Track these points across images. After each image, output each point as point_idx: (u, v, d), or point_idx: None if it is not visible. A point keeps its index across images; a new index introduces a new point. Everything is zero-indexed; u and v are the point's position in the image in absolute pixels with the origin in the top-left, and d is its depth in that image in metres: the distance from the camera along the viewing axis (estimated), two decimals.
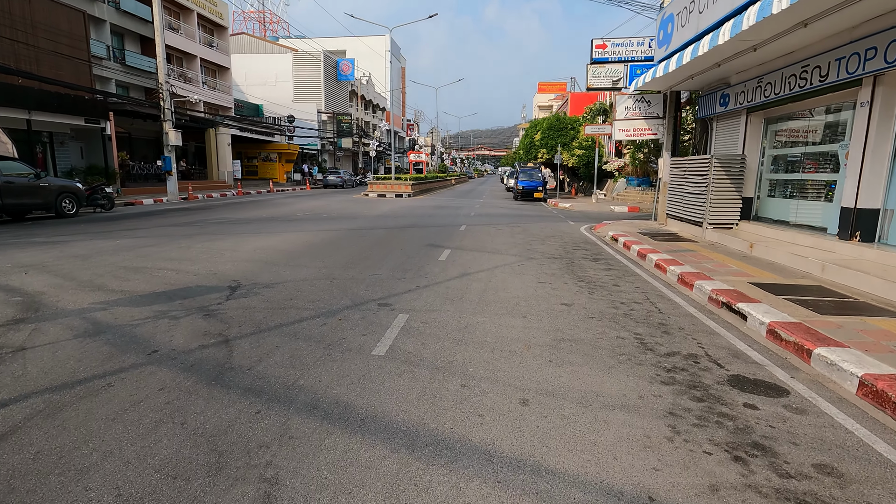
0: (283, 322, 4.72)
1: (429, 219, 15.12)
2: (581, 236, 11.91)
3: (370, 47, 72.90)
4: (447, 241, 10.56)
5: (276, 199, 23.96)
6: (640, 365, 3.92)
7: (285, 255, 8.23)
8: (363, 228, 12.22)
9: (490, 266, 7.78)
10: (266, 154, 39.86)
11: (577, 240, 11.26)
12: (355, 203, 21.45)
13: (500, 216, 16.69)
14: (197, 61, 35.77)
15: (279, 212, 16.46)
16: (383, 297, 5.75)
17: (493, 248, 9.69)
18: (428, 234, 11.62)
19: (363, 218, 14.93)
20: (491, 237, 11.33)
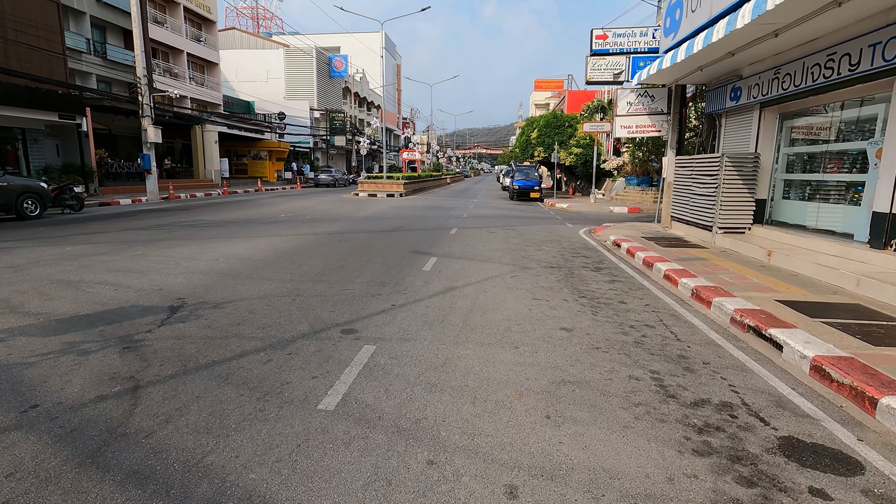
0: (218, 358, 3.83)
1: (418, 221, 14.23)
2: (580, 241, 11.04)
3: (364, 44, 71.84)
4: (435, 246, 9.67)
5: (261, 198, 23.01)
6: (663, 422, 3.05)
7: (250, 265, 7.32)
8: (345, 232, 11.31)
9: (480, 278, 6.90)
10: (256, 152, 38.83)
11: (575, 245, 10.39)
12: (343, 203, 20.53)
13: (494, 218, 15.81)
14: (184, 56, 34.72)
15: (260, 213, 15.52)
16: (350, 320, 4.86)
17: (485, 256, 8.80)
18: (415, 238, 10.73)
19: (348, 220, 14.02)
20: (483, 242, 10.44)
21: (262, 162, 38.89)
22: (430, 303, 5.56)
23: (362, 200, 22.60)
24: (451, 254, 8.88)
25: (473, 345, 4.29)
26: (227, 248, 8.73)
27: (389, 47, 78.85)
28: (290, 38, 55.21)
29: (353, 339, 4.34)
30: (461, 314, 5.16)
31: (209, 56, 38.20)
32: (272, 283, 6.29)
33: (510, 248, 9.83)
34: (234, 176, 37.76)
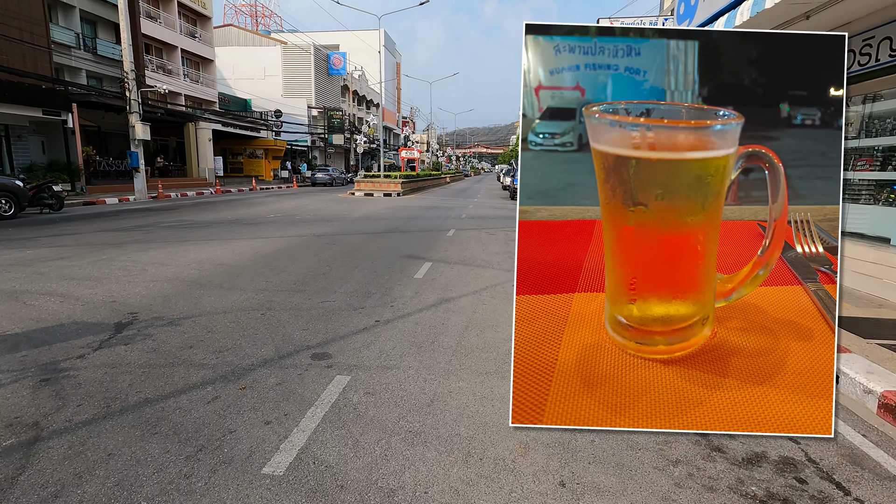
0: (152, 395, 3.11)
1: (414, 222, 13.51)
2: None
3: (364, 41, 71.13)
4: (429, 250, 8.96)
5: (254, 197, 22.30)
6: (712, 490, 2.33)
7: (224, 272, 6.61)
8: (335, 234, 10.60)
9: (478, 287, 6.19)
10: (251, 150, 38.11)
11: None
12: (338, 203, 19.82)
13: (493, 218, 15.09)
14: (177, 53, 34.06)
15: (249, 213, 14.81)
16: (324, 341, 4.15)
17: (484, 261, 8.09)
18: (409, 241, 10.02)
19: (340, 221, 13.30)
20: (482, 245, 9.73)
21: (257, 160, 38.19)
22: (420, 318, 4.85)
23: (358, 200, 21.89)
24: (447, 259, 8.16)
25: (468, 374, 3.57)
26: (203, 252, 8.01)
27: (389, 45, 78.18)
28: (289, 35, 54.50)
29: (325, 366, 3.62)
30: (455, 333, 4.45)
31: (204, 52, 37.55)
32: (243, 293, 5.57)
33: (511, 251, 9.10)
34: (230, 174, 37.07)
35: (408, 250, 8.84)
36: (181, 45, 34.26)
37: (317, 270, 6.86)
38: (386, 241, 9.91)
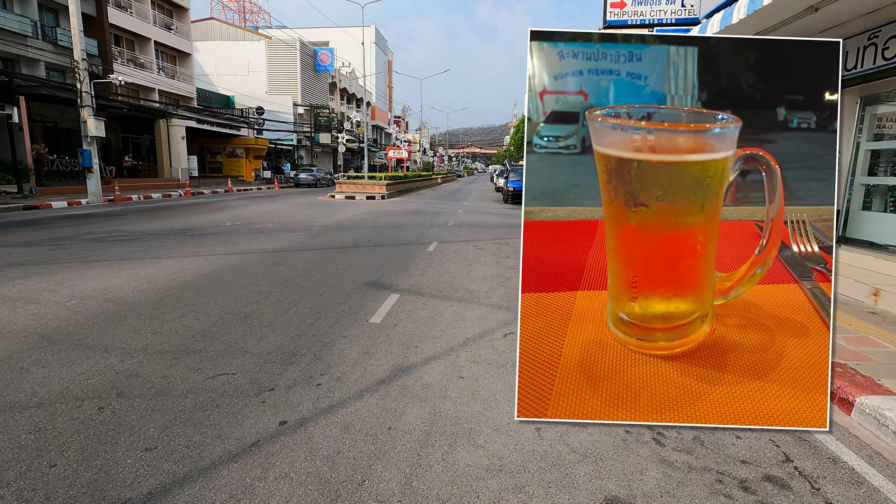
0: None
1: (392, 231, 11.69)
2: None
3: (353, 37, 69.12)
4: (401, 274, 7.15)
5: (224, 201, 20.37)
6: None
7: (103, 317, 4.75)
8: (291, 250, 8.75)
9: (455, 340, 4.38)
10: (231, 149, 36.12)
11: None
12: (313, 207, 17.94)
13: (485, 227, 13.30)
14: (150, 45, 32.03)
15: (203, 221, 12.91)
16: (160, 487, 2.31)
17: (468, 291, 6.28)
18: (379, 259, 8.20)
19: (306, 230, 11.45)
20: (467, 265, 7.93)
21: (237, 160, 36.21)
22: (356, 415, 3.02)
23: (337, 204, 20.01)
24: (421, 288, 6.35)
25: None
26: (103, 280, 6.15)
27: (380, 42, 76.30)
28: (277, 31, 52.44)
29: None
30: (405, 455, 2.63)
31: (181, 46, 35.55)
32: (101, 359, 3.73)
33: (503, 274, 7.32)
34: (208, 175, 35.08)
35: (373, 274, 7.02)
36: (155, 37, 32.24)
37: (238, 310, 5.02)
38: (351, 259, 8.08)
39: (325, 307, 5.26)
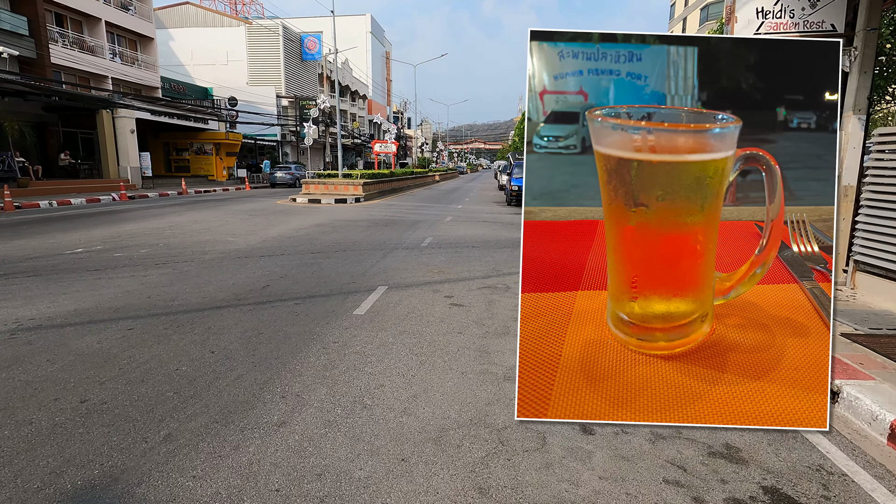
0: None
1: (324, 263, 7.49)
2: None
3: (347, 27, 64.91)
4: (230, 422, 2.90)
5: (152, 207, 16.23)
6: None
7: None
8: (74, 323, 4.55)
9: None
10: (199, 145, 32.00)
11: None
12: (253, 217, 13.74)
13: (475, 247, 9.05)
14: (101, 26, 27.94)
15: (59, 244, 8.75)
16: None
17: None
18: (222, 357, 3.97)
19: (186, 262, 7.27)
20: (417, 373, 3.68)
21: (206, 157, 32.11)
22: None
23: (292, 210, 15.80)
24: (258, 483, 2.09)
25: None
26: None
27: (377, 32, 71.97)
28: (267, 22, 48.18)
29: None
30: None
31: (141, 29, 31.44)
32: None
33: (496, 376, 3.06)
34: (175, 174, 30.97)
35: (159, 426, 2.77)
36: (106, 17, 28.14)
37: None
38: (157, 354, 3.86)
39: None
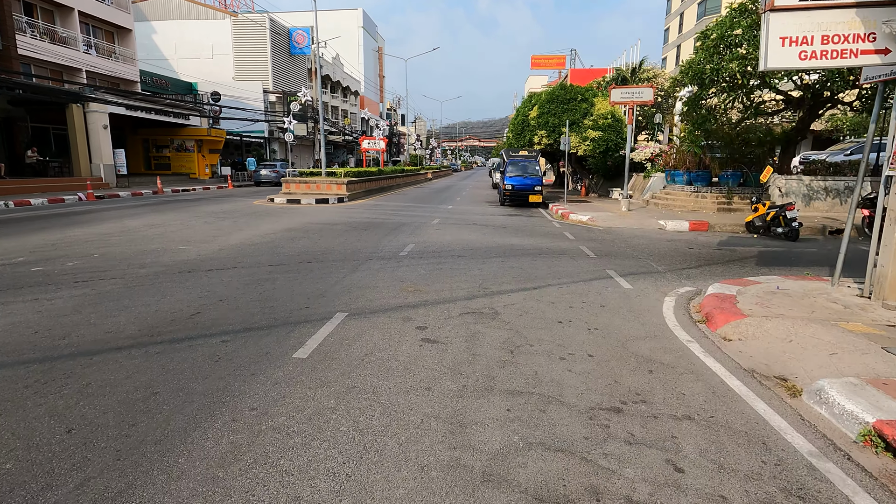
0: None
1: (293, 274, 6.37)
2: (702, 367, 3.19)
3: (338, 21, 63.49)
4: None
5: (115, 208, 15.00)
6: None
7: None
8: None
9: None
10: (180, 142, 30.65)
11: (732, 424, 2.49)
12: (222, 220, 12.55)
13: (463, 256, 7.93)
14: (74, 16, 26.52)
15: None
16: None
17: None
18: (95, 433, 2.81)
19: (133, 277, 6.14)
20: (380, 426, 2.53)
21: (188, 154, 30.76)
22: None
23: (267, 212, 14.61)
24: None
25: None
26: None
27: (368, 26, 70.51)
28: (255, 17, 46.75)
29: None
30: None
31: (118, 20, 29.98)
32: None
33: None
34: (155, 172, 29.63)
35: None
36: (79, 6, 26.69)
37: None
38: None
39: None
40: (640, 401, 3.17)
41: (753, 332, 4.41)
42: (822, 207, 14.38)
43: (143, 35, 40.20)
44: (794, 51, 4.68)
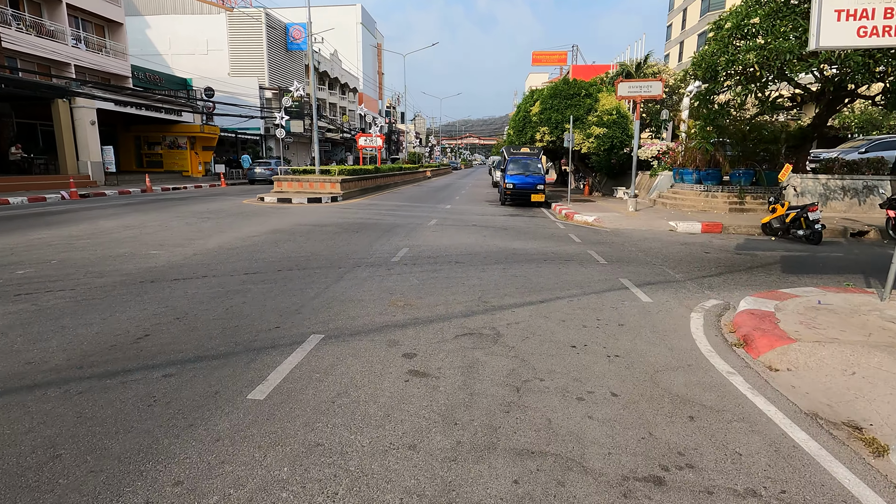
0: None
1: (268, 285, 5.67)
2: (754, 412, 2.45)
3: (337, 18, 62.60)
4: None
5: (94, 208, 14.27)
6: None
7: None
8: None
9: None
10: (173, 139, 29.88)
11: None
12: (204, 221, 11.83)
13: (460, 258, 7.21)
14: (62, 9, 25.74)
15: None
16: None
17: None
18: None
19: (86, 288, 5.44)
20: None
21: (180, 151, 29.99)
22: None
23: (255, 212, 13.88)
24: None
25: None
26: None
27: (367, 23, 69.65)
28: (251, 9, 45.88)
29: None
30: None
31: (108, 13, 29.18)
32: None
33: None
34: (145, 169, 28.88)
35: None
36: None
37: None
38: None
39: None
40: (685, 465, 2.45)
41: (805, 362, 3.70)
42: (839, 208, 13.66)
43: (136, 30, 39.45)
44: (852, 26, 3.95)
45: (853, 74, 10.58)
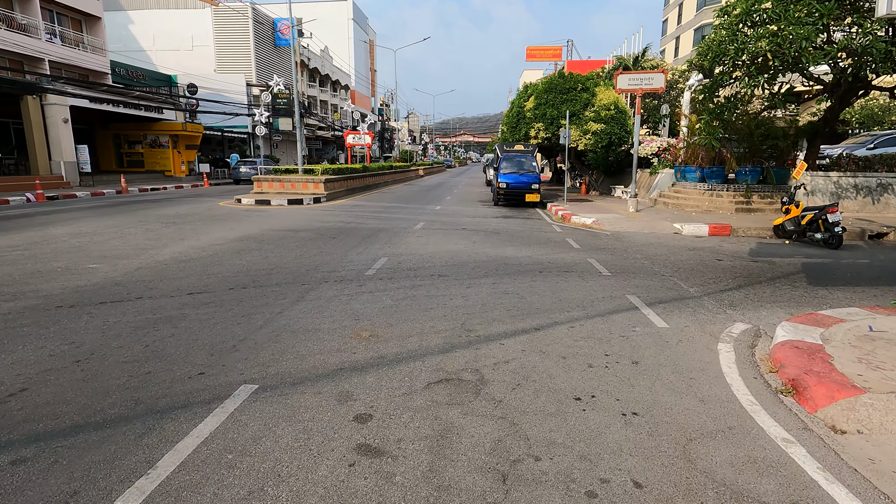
0: None
1: (211, 308, 4.76)
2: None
3: (328, 14, 61.43)
4: None
5: (64, 211, 13.26)
6: None
7: None
8: None
9: None
10: (154, 137, 28.78)
11: None
12: (171, 225, 10.87)
13: (444, 269, 6.30)
14: (35, 2, 24.58)
15: None
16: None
17: None
18: None
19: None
20: None
21: (162, 150, 28.90)
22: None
23: (233, 214, 12.91)
24: None
25: None
26: None
27: (359, 19, 68.50)
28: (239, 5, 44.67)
29: None
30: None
31: (85, 7, 28.00)
32: None
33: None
34: (125, 169, 27.80)
35: None
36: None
37: None
38: None
39: None
40: None
41: (881, 422, 2.82)
42: (852, 207, 12.87)
43: (119, 25, 38.22)
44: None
45: (874, 63, 9.74)
